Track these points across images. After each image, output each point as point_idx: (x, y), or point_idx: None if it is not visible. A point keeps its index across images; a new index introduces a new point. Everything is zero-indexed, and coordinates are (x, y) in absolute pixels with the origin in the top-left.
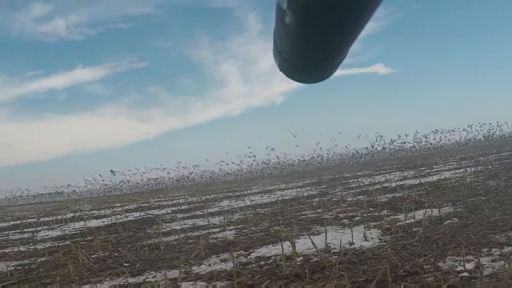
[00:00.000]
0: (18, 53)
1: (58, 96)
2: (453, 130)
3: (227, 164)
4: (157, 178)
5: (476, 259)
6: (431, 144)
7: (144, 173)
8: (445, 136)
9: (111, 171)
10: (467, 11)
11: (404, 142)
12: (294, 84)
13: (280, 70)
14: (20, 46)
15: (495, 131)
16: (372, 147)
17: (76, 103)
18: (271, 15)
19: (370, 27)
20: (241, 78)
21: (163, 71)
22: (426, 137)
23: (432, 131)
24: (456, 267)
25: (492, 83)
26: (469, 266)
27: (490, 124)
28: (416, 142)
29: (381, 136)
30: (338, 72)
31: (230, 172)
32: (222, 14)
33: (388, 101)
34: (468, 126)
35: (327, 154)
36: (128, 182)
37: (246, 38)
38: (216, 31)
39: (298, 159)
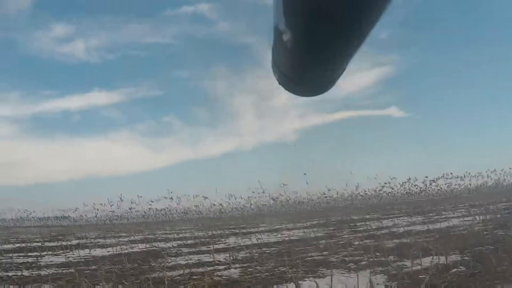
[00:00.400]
0: (36, 72)
1: (71, 117)
2: (463, 176)
3: (236, 198)
4: (164, 208)
5: None
6: (440, 189)
7: (152, 201)
8: (456, 182)
9: (120, 198)
10: (474, 56)
11: (415, 185)
12: (307, 123)
13: (279, 83)
14: (38, 64)
15: (506, 177)
16: (382, 187)
17: (89, 126)
18: None
19: (385, 71)
20: (254, 112)
21: (178, 100)
22: (435, 182)
23: (443, 175)
24: None
25: (505, 130)
26: None
27: (503, 170)
28: (425, 185)
29: (393, 178)
30: (352, 113)
31: (238, 208)
32: (239, 49)
33: (401, 144)
34: (478, 173)
35: (336, 194)
36: (137, 211)
37: (262, 73)
38: (233, 64)
39: (307, 198)
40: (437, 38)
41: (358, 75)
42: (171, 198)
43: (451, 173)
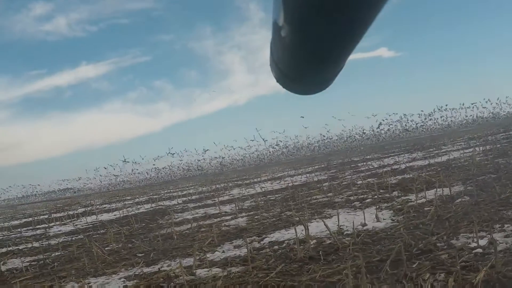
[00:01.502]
0: (21, 54)
1: (63, 94)
2: (458, 108)
3: (234, 148)
4: (166, 167)
5: (489, 236)
6: (438, 123)
7: (155, 160)
8: (451, 114)
9: (124, 160)
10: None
11: (412, 120)
12: None
13: (277, 81)
14: (23, 46)
15: (501, 108)
16: (380, 124)
17: (82, 100)
18: (271, 4)
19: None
20: (245, 68)
21: (167, 64)
22: (431, 115)
23: (438, 108)
24: (470, 244)
25: (492, 63)
26: (483, 242)
27: (498, 99)
28: (421, 120)
29: (392, 114)
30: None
31: (238, 159)
32: (222, 5)
33: (394, 83)
34: (472, 104)
35: (336, 136)
36: (139, 173)
37: (249, 28)
38: (218, 22)
39: (307, 141)
40: None
41: None
42: (172, 154)
43: (446, 105)
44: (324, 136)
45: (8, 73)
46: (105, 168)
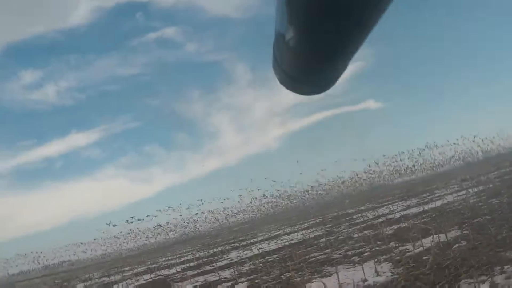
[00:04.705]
0: (10, 124)
1: (54, 164)
2: (443, 145)
3: (228, 199)
4: (166, 223)
5: (489, 280)
6: (425, 162)
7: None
8: (438, 151)
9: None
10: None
11: (401, 160)
12: (287, 129)
13: (280, 83)
14: (13, 116)
15: (489, 145)
16: (369, 168)
17: (73, 169)
18: (259, 64)
19: (356, 66)
20: (235, 127)
21: (157, 128)
22: (420, 153)
23: (426, 146)
24: None
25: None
26: (484, 287)
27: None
28: (411, 158)
29: (383, 155)
30: (334, 111)
31: (235, 211)
32: (210, 67)
33: (382, 131)
34: (457, 139)
35: (329, 186)
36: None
37: (237, 89)
38: (206, 84)
39: (301, 191)
40: (403, 33)
41: None
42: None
43: (435, 142)
44: (320, 183)
45: None
46: (95, 240)
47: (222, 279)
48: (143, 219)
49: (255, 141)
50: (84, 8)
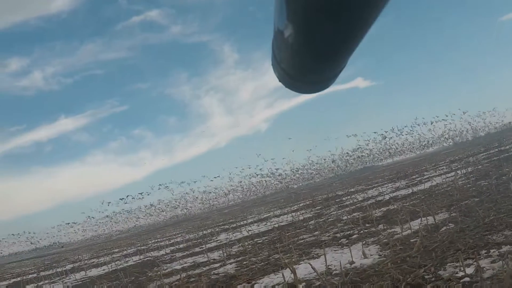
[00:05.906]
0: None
1: (44, 148)
2: (431, 123)
3: (219, 177)
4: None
5: (475, 263)
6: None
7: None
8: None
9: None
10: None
11: (391, 137)
12: (276, 110)
13: (280, 81)
14: (0, 102)
15: (479, 122)
16: (358, 148)
17: (63, 153)
18: (245, 45)
19: None
20: (223, 109)
21: (145, 112)
22: (411, 129)
23: (414, 122)
24: (457, 273)
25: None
26: (470, 270)
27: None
28: (397, 134)
29: (374, 132)
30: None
31: (225, 190)
32: (197, 49)
33: (371, 108)
34: (446, 116)
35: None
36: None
37: (224, 70)
38: (193, 66)
39: (291, 170)
40: (390, 11)
41: None
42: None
43: (423, 118)
44: (312, 161)
45: None
46: (97, 210)
47: (211, 260)
48: (135, 197)
49: (244, 123)
50: None
